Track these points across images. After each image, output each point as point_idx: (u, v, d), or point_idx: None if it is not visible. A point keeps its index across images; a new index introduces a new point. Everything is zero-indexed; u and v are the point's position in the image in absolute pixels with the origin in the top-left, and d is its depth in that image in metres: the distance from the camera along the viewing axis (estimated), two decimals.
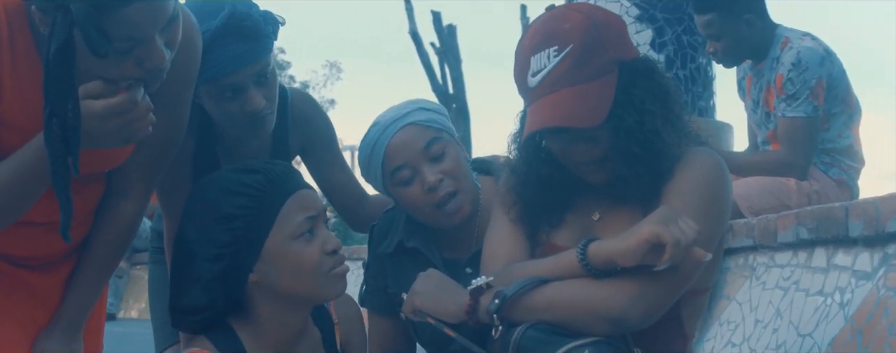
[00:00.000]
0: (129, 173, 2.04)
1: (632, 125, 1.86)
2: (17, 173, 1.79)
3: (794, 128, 3.63)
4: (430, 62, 16.72)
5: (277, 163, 1.96)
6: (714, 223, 1.90)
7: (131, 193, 2.06)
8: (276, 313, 1.91)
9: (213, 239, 1.85)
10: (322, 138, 2.68)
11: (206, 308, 1.89)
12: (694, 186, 1.88)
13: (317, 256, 1.88)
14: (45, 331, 2.01)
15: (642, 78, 1.90)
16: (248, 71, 2.27)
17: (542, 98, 1.86)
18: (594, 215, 1.99)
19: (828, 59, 3.67)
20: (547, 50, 1.85)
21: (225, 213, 1.85)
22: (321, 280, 1.89)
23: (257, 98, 2.30)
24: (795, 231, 2.94)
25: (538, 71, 1.86)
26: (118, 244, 2.08)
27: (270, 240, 1.87)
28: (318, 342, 2.00)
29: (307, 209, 1.89)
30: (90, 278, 2.05)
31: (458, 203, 2.20)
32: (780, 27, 3.81)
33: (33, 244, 1.99)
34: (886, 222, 2.46)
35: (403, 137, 2.22)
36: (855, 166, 3.82)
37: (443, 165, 2.21)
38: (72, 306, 2.03)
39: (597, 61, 1.85)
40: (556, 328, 1.81)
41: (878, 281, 2.48)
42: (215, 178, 1.93)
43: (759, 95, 3.84)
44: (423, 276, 2.03)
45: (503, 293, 1.84)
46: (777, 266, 3.11)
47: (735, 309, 3.24)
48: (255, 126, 2.35)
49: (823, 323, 2.66)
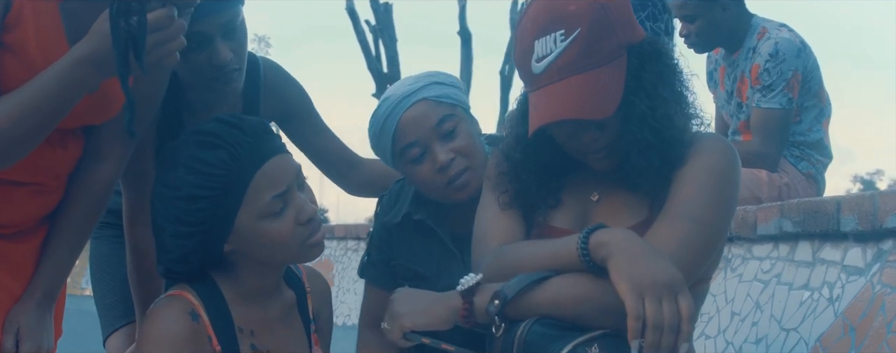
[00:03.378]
0: (108, 134, 1.98)
1: (644, 112, 1.77)
2: (36, 99, 1.72)
3: (767, 119, 3.59)
4: (367, 40, 16.57)
5: (245, 125, 1.83)
6: (724, 213, 1.83)
7: (109, 155, 2.00)
8: (254, 272, 1.88)
9: (181, 218, 1.79)
10: (298, 107, 2.58)
11: (185, 271, 1.87)
12: (706, 174, 1.81)
13: (290, 229, 1.81)
14: (20, 304, 1.91)
15: (652, 62, 1.81)
16: (215, 20, 2.17)
17: (550, 85, 1.75)
18: (593, 196, 1.91)
19: (804, 51, 3.64)
20: (553, 34, 1.75)
21: (189, 193, 1.77)
22: (296, 250, 1.84)
23: (224, 51, 2.20)
24: (778, 224, 2.90)
25: (544, 56, 1.76)
26: (93, 209, 2.00)
27: (240, 217, 1.79)
28: (292, 304, 1.97)
29: (276, 185, 1.79)
30: (65, 245, 1.97)
31: (467, 179, 2.13)
32: (755, 17, 3.77)
33: (13, 208, 1.89)
34: (885, 218, 2.42)
35: (414, 114, 2.14)
36: (823, 161, 3.80)
37: (454, 143, 2.14)
38: (47, 275, 1.94)
39: (606, 46, 1.75)
40: (561, 323, 1.73)
41: (872, 277, 2.45)
42: (180, 149, 1.82)
43: (732, 85, 3.80)
44: (398, 297, 1.92)
45: (504, 295, 1.75)
46: (755, 258, 3.07)
47: (708, 301, 3.19)
48: (221, 81, 2.25)
49: (810, 318, 2.62)
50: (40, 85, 1.71)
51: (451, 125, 2.14)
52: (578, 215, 1.90)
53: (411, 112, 2.14)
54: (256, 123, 1.84)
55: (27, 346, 1.88)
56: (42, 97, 1.71)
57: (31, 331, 1.89)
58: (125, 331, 2.53)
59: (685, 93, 1.87)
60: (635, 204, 1.85)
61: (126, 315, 2.49)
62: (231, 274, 1.87)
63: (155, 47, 1.68)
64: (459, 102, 2.19)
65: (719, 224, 1.81)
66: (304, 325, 1.97)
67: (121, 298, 2.49)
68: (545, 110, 1.76)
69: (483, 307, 1.77)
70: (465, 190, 2.14)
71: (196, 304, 1.81)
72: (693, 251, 1.75)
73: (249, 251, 1.83)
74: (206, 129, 1.82)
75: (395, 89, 2.19)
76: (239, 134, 1.80)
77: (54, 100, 1.72)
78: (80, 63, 1.69)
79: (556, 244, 1.78)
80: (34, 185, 1.90)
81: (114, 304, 2.57)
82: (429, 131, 2.13)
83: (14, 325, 1.88)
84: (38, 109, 1.72)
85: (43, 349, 1.90)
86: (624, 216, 1.84)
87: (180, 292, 1.83)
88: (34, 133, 1.75)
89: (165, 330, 1.76)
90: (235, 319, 1.84)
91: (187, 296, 1.81)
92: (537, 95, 1.78)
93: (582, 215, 1.90)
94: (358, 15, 16.59)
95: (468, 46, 17.06)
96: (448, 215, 2.23)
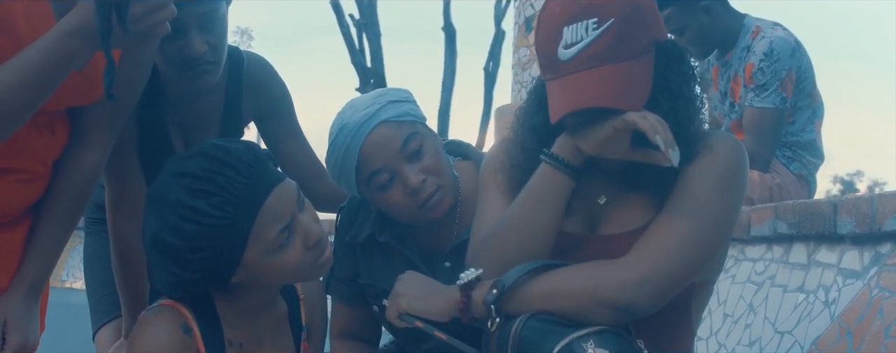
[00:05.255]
0: (93, 119, 1.96)
1: (666, 111, 1.75)
2: (24, 73, 1.66)
3: (760, 118, 3.56)
4: (351, 34, 16.51)
5: (237, 161, 1.71)
6: (729, 211, 1.82)
7: (94, 141, 1.97)
8: (255, 291, 1.85)
9: (185, 265, 1.71)
10: (277, 106, 2.54)
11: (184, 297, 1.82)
12: (713, 171, 1.80)
13: (299, 255, 1.76)
14: (6, 295, 1.88)
15: (677, 61, 1.80)
16: (191, 10, 2.13)
17: (578, 73, 1.72)
18: (600, 199, 1.89)
19: (798, 50, 3.61)
20: (585, 21, 1.71)
21: (191, 245, 1.69)
22: (307, 272, 1.81)
23: (198, 43, 2.16)
24: (773, 225, 2.87)
25: (573, 43, 1.72)
26: (79, 198, 1.97)
27: (246, 255, 1.73)
28: (284, 314, 1.93)
29: (281, 219, 1.72)
30: (52, 236, 1.94)
31: (439, 197, 2.05)
32: (748, 17, 3.74)
33: (1, 198, 1.86)
34: (883, 220, 2.39)
35: (377, 139, 2.03)
36: (815, 162, 3.78)
37: (423, 163, 2.05)
38: (33, 266, 1.91)
39: (637, 40, 1.73)
40: (558, 318, 1.71)
41: (869, 281, 2.41)
42: (169, 192, 1.70)
43: (726, 85, 3.77)
44: (404, 278, 1.89)
45: (501, 283, 1.73)
46: (748, 260, 3.04)
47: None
48: (193, 75, 2.21)
49: (805, 321, 2.59)
50: (28, 58, 1.66)
51: (416, 144, 2.05)
52: (586, 218, 1.88)
53: (373, 138, 2.03)
54: (247, 154, 1.73)
55: (14, 338, 1.85)
56: (31, 71, 1.66)
57: (18, 323, 1.85)
58: (114, 325, 2.52)
59: (701, 95, 1.87)
60: (643, 206, 1.83)
61: (115, 309, 2.48)
62: (231, 293, 1.82)
63: (146, 16, 1.63)
64: (418, 117, 2.10)
65: (723, 222, 1.79)
66: (294, 334, 1.92)
67: (110, 292, 2.48)
68: (575, 97, 1.71)
69: (481, 300, 1.74)
70: (438, 209, 2.06)
71: (189, 317, 1.77)
72: (695, 248, 1.74)
73: (257, 279, 1.79)
74: (194, 172, 1.69)
75: (348, 116, 2.07)
76: (233, 175, 1.69)
77: (43, 74, 1.66)
78: (69, 35, 1.64)
79: (530, 182, 1.82)
80: (22, 172, 1.86)
81: (104, 297, 2.57)
82: (395, 155, 2.03)
83: (1, 317, 1.84)
84: (27, 83, 1.66)
85: (29, 341, 1.87)
86: (632, 218, 1.82)
87: (174, 302, 1.78)
88: (21, 108, 1.70)
89: (156, 341, 1.73)
90: (226, 332, 1.80)
91: (180, 308, 1.77)
92: (562, 82, 1.74)
93: (590, 218, 1.88)
94: (343, 9, 16.55)
95: (452, 42, 17.04)
96: (413, 232, 2.15)
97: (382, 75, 16.62)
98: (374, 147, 2.03)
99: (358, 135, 2.03)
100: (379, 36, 16.77)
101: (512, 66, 5.44)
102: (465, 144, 2.31)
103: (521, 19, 4.87)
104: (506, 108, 4.76)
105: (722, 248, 1.87)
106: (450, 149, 2.24)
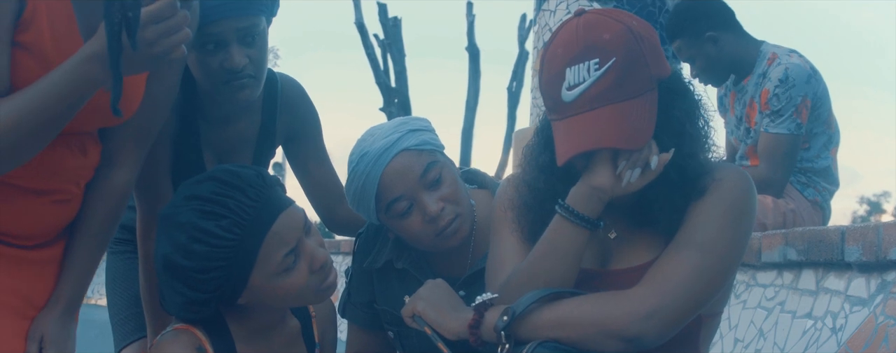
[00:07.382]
0: (122, 139, 2.01)
1: (669, 148, 1.76)
2: (47, 96, 1.72)
3: (775, 144, 3.59)
4: (375, 54, 16.60)
5: (246, 186, 1.78)
6: (737, 244, 1.82)
7: (124, 160, 2.02)
8: (264, 311, 1.90)
9: (193, 286, 1.77)
10: (306, 128, 2.57)
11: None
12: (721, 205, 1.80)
13: (304, 279, 1.82)
14: (44, 312, 1.93)
15: (680, 98, 1.81)
16: (232, 24, 2.18)
17: (582, 114, 1.73)
18: (610, 234, 1.90)
19: (814, 77, 3.64)
20: (586, 62, 1.72)
21: (200, 265, 1.75)
22: (312, 296, 1.86)
23: (239, 56, 2.20)
24: (783, 251, 2.90)
25: (576, 84, 1.73)
26: (111, 217, 2.03)
27: (253, 278, 1.79)
28: (296, 332, 1.97)
29: (287, 243, 1.79)
30: (86, 253, 1.99)
31: (457, 226, 2.08)
32: (765, 44, 3.78)
33: (35, 220, 1.91)
34: (889, 249, 2.42)
35: (397, 167, 2.06)
36: (829, 189, 3.80)
37: (442, 191, 2.08)
38: (69, 283, 1.96)
39: (639, 78, 1.74)
40: (566, 347, 1.73)
41: (875, 308, 2.44)
42: (180, 215, 1.77)
43: (741, 110, 3.80)
44: (433, 283, 1.93)
45: (512, 309, 1.75)
46: (759, 286, 3.07)
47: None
48: (233, 88, 2.24)
49: (813, 347, 2.62)
50: (51, 82, 1.72)
51: (435, 173, 2.08)
52: (597, 252, 1.89)
53: (394, 166, 2.06)
54: (256, 179, 1.80)
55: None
56: (53, 94, 1.71)
57: (54, 339, 1.92)
58: (137, 345, 2.54)
59: (707, 129, 1.86)
60: (652, 241, 1.84)
61: (139, 330, 2.51)
62: (241, 313, 1.87)
63: (160, 39, 1.66)
64: (437, 146, 2.13)
65: (731, 255, 1.79)
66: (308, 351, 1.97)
67: (134, 313, 2.51)
68: (580, 139, 1.73)
69: (492, 322, 1.77)
70: (456, 237, 2.09)
71: (203, 340, 1.82)
72: (703, 281, 1.75)
73: (263, 301, 1.84)
74: (205, 195, 1.77)
75: (369, 145, 2.10)
76: (241, 198, 1.76)
77: (65, 98, 1.72)
78: (90, 60, 1.69)
79: (544, 234, 1.82)
80: (57, 193, 1.91)
81: (127, 318, 2.58)
82: (414, 183, 2.06)
83: (38, 333, 1.90)
84: (49, 105, 1.72)
85: None
86: (641, 253, 1.84)
87: (188, 326, 1.83)
88: (44, 130, 1.75)
89: None
90: (239, 350, 1.85)
91: (195, 331, 1.82)
92: (567, 123, 1.75)
93: (600, 252, 1.89)
94: (367, 29, 16.63)
95: (476, 62, 17.11)
96: (432, 259, 2.19)
97: (407, 95, 16.69)
98: (394, 175, 2.06)
99: (379, 162, 2.06)
100: (403, 56, 16.85)
101: (531, 89, 5.47)
102: (482, 173, 2.34)
103: (540, 44, 4.92)
104: (523, 132, 4.79)
105: (729, 280, 1.88)
106: (466, 178, 2.28)
